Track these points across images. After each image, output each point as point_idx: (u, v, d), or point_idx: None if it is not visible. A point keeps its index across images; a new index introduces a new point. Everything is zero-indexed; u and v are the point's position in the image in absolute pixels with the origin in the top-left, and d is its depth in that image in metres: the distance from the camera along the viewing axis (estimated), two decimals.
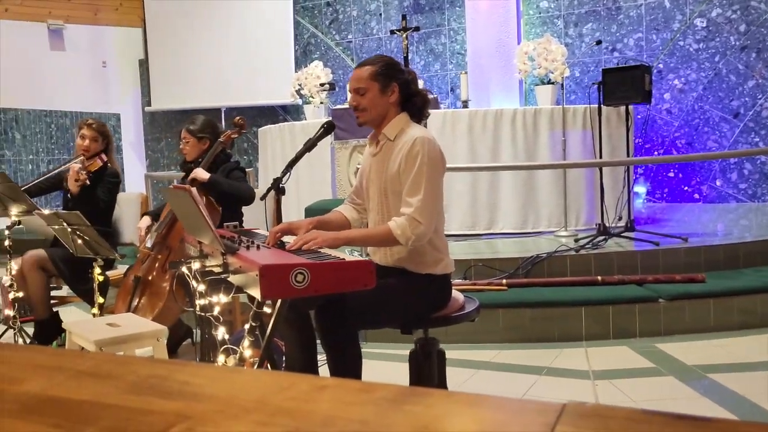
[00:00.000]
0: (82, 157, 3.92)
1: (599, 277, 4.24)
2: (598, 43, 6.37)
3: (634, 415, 0.53)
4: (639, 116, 6.83)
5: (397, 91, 2.53)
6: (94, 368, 0.72)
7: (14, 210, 3.65)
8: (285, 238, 2.52)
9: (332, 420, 0.56)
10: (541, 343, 3.87)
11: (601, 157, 5.31)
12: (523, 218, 5.48)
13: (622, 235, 4.97)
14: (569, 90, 7.37)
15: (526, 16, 7.79)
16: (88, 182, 3.85)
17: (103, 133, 4.05)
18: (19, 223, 3.75)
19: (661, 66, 7.39)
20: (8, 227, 3.70)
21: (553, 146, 5.50)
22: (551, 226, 5.46)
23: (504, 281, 4.25)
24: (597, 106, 5.30)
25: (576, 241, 4.81)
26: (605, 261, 4.45)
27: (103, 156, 4.03)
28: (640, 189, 7.44)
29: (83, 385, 0.68)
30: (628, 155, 5.47)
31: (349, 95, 2.67)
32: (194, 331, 3.72)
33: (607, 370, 3.41)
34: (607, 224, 5.02)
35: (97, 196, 3.94)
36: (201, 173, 3.51)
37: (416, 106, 2.58)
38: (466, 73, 6.67)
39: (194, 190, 2.22)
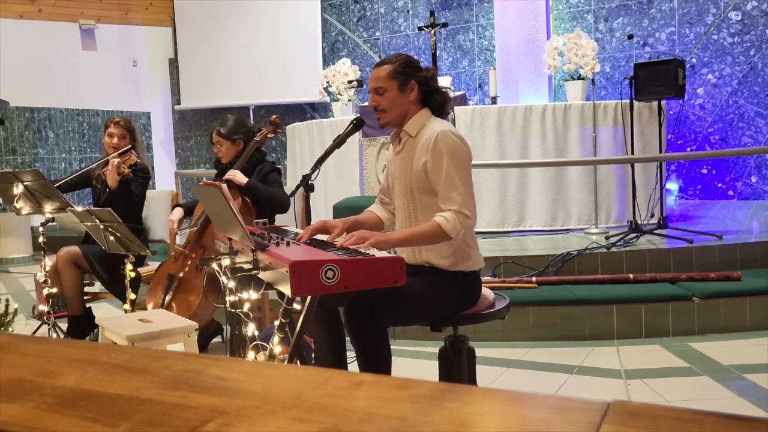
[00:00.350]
0: (115, 154, 3.96)
1: (631, 275, 4.17)
2: (630, 37, 6.27)
3: (684, 414, 0.51)
4: (671, 112, 6.72)
5: (416, 89, 2.51)
6: (128, 362, 0.72)
7: (48, 207, 3.71)
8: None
9: (370, 417, 0.55)
10: (572, 341, 3.83)
11: (632, 153, 5.23)
12: (553, 215, 5.42)
13: (655, 232, 4.89)
14: (599, 85, 7.28)
15: (555, 11, 7.70)
16: (131, 175, 3.90)
17: (130, 130, 4.08)
18: (53, 220, 3.81)
19: (694, 60, 7.25)
20: (42, 224, 3.75)
21: (583, 142, 5.43)
22: (581, 224, 5.39)
23: (534, 279, 4.20)
24: (629, 101, 5.22)
25: (607, 238, 4.74)
26: (637, 259, 4.38)
27: (133, 153, 4.07)
28: (673, 186, 7.31)
29: (118, 380, 0.68)
30: (660, 151, 5.38)
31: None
32: (224, 327, 3.74)
33: (640, 369, 3.36)
34: (639, 221, 4.94)
35: (132, 191, 3.98)
36: (239, 177, 3.49)
37: (437, 102, 2.55)
38: (494, 69, 6.61)
39: (224, 186, 2.22)
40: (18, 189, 3.64)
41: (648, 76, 5.10)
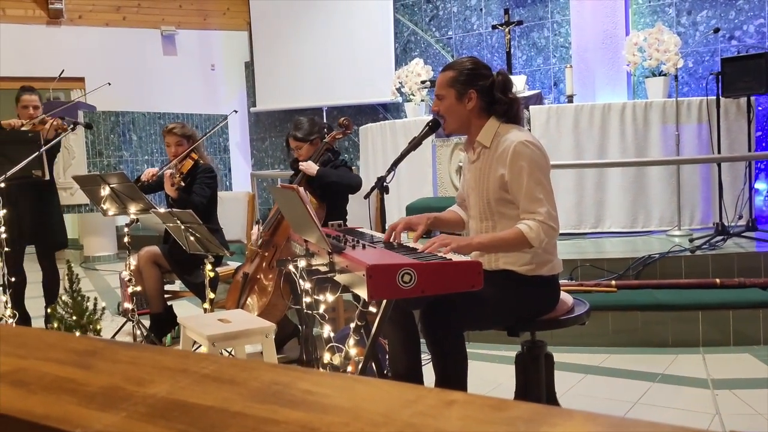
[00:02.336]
0: (174, 162, 4.04)
1: (718, 280, 3.99)
2: (716, 31, 5.99)
3: None
4: (760, 108, 6.38)
5: (475, 98, 2.44)
6: (217, 372, 0.72)
7: (133, 208, 3.84)
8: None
9: None
10: (654, 348, 3.69)
11: (719, 152, 5.00)
12: (633, 217, 5.24)
13: (743, 234, 4.66)
14: (682, 81, 6.98)
15: (634, 6, 7.44)
16: (182, 184, 3.98)
17: (186, 135, 4.14)
18: (137, 220, 3.94)
19: None
20: (127, 225, 3.89)
21: (665, 141, 5.23)
22: (663, 225, 5.19)
23: (613, 282, 4.07)
24: (714, 98, 4.99)
25: (691, 241, 4.54)
26: (724, 262, 4.18)
27: (193, 155, 4.14)
28: (762, 185, 6.94)
29: (208, 390, 0.68)
30: (749, 150, 5.12)
31: None
32: (300, 329, 3.78)
33: (728, 379, 3.20)
34: (725, 223, 4.71)
35: (196, 192, 4.05)
36: (311, 167, 3.60)
37: (500, 110, 2.47)
38: (570, 66, 6.45)
39: (302, 190, 2.24)
40: (105, 191, 3.79)
41: (736, 71, 4.86)
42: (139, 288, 3.90)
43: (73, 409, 0.66)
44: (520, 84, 6.03)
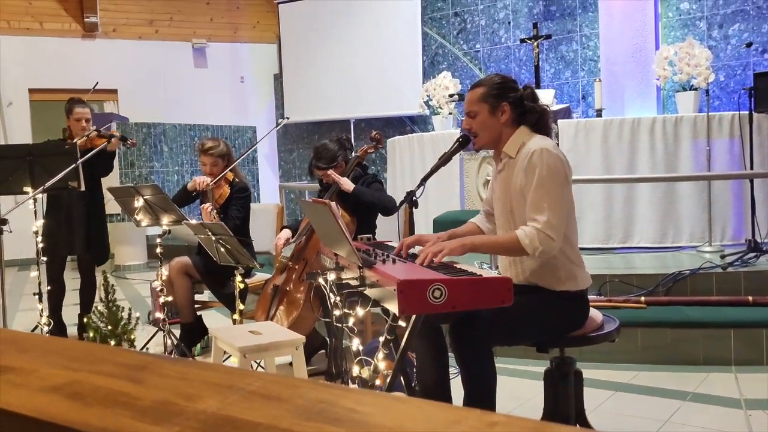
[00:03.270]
0: (211, 184, 4.08)
1: (750, 298, 3.93)
2: (748, 45, 5.93)
3: None
4: None
5: (508, 111, 2.47)
6: (263, 389, 0.74)
7: (165, 220, 3.91)
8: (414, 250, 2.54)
9: None
10: (685, 365, 3.64)
11: (751, 167, 4.94)
12: (662, 232, 5.20)
13: None
14: (713, 96, 6.92)
15: (664, 19, 7.40)
16: (221, 216, 4.03)
17: (221, 155, 4.18)
18: (169, 232, 4.01)
19: None
20: (159, 235, 3.96)
21: (695, 156, 5.18)
22: (693, 241, 5.13)
23: (642, 298, 4.04)
24: (747, 112, 4.94)
25: (722, 257, 4.49)
26: (757, 280, 4.12)
27: (228, 174, 4.18)
28: None
29: (255, 406, 0.70)
30: None
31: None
32: (328, 341, 3.80)
33: (762, 399, 3.15)
34: (758, 240, 4.65)
35: (231, 216, 4.10)
36: (346, 183, 3.62)
37: (532, 119, 2.50)
38: (599, 80, 6.43)
39: (334, 205, 2.27)
40: (138, 202, 3.87)
41: None
42: (170, 298, 3.96)
43: (127, 423, 0.69)
44: (548, 98, 6.02)
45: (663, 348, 3.73)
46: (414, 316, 2.23)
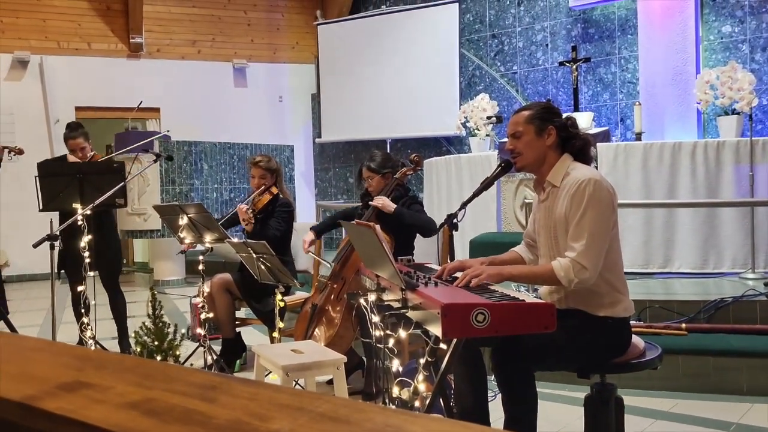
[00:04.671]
0: (253, 195, 4.20)
1: None
2: None
3: None
4: None
5: (554, 134, 2.50)
6: (332, 411, 0.78)
7: (208, 238, 3.99)
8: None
9: None
10: (727, 395, 3.58)
11: None
12: (704, 258, 5.12)
13: None
14: (756, 120, 6.82)
15: (705, 42, 7.34)
16: (253, 221, 4.12)
17: (270, 169, 4.30)
18: (212, 249, 4.09)
19: None
20: (202, 253, 4.04)
21: (738, 181, 5.11)
22: (736, 267, 5.05)
23: (683, 325, 3.98)
24: None
25: (766, 284, 4.41)
26: None
27: (273, 189, 4.29)
28: None
29: (325, 429, 0.73)
30: None
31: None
32: (365, 361, 3.82)
33: None
34: None
35: (272, 226, 4.19)
36: (388, 204, 3.65)
37: (576, 147, 2.53)
38: (639, 104, 6.39)
39: (378, 228, 2.31)
40: (183, 220, 3.96)
41: None
42: (211, 314, 4.03)
43: None
44: (587, 121, 6.01)
45: (704, 376, 3.68)
46: (455, 339, 2.25)
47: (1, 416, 0.89)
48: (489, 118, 6.55)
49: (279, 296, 3.58)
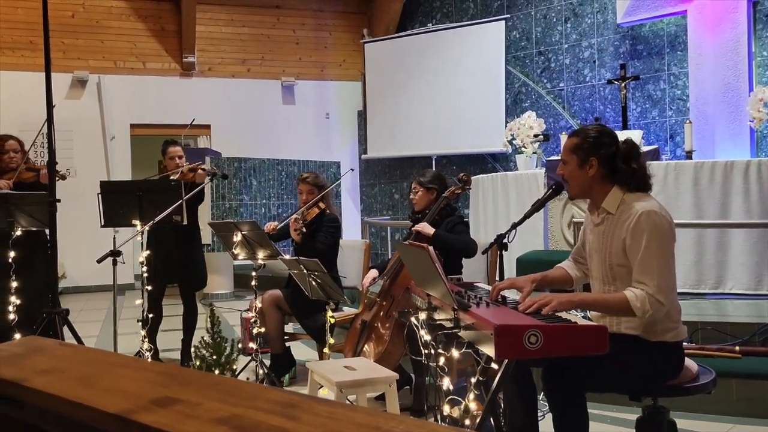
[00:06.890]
0: (303, 208, 4.33)
1: None
2: None
3: None
4: None
5: (596, 166, 2.47)
6: None
7: (261, 254, 4.10)
8: (506, 293, 2.59)
9: None
10: None
11: None
12: (758, 278, 5.02)
13: None
14: None
15: (758, 58, 7.22)
16: (304, 230, 4.23)
17: (317, 185, 4.43)
18: (264, 266, 4.19)
19: None
20: (255, 269, 4.15)
21: None
22: None
23: (737, 348, 3.92)
24: None
25: None
26: None
27: (321, 204, 4.40)
28: None
29: None
30: None
31: None
32: (413, 377, 3.86)
33: None
34: None
35: (319, 240, 4.29)
36: (426, 228, 3.71)
37: (622, 177, 2.47)
38: (690, 122, 6.32)
39: (431, 249, 2.36)
40: (237, 237, 4.08)
41: None
42: (262, 329, 4.13)
43: None
44: (636, 138, 5.97)
45: (761, 401, 3.60)
46: (506, 360, 2.28)
47: (100, 427, 0.97)
48: (536, 135, 6.56)
49: (330, 312, 3.65)
